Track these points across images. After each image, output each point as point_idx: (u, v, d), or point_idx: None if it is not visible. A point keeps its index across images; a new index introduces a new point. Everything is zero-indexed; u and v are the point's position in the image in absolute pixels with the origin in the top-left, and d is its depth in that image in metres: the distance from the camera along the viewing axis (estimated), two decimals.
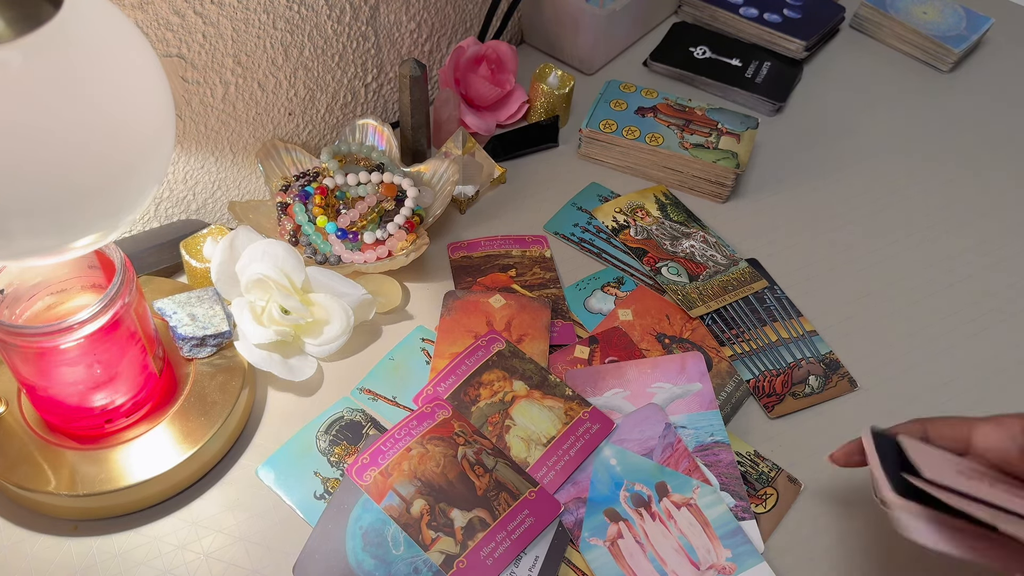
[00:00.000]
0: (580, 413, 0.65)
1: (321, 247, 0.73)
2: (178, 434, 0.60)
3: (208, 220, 0.77)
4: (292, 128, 0.79)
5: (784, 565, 0.59)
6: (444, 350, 0.69)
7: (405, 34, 0.84)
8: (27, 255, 0.46)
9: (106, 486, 0.57)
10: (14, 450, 0.58)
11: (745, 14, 1.02)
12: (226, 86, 0.70)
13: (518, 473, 0.61)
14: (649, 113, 0.87)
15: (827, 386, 0.70)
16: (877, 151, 0.92)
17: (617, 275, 0.77)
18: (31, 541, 0.58)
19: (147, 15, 0.62)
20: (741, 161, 0.82)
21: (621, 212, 0.82)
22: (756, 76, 0.96)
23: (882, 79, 1.01)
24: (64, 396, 0.57)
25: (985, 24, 1.03)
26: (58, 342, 0.52)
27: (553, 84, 0.88)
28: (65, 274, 0.57)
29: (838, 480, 0.64)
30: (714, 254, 0.79)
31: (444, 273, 0.77)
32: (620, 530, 0.59)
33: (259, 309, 0.66)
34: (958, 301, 0.77)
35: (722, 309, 0.75)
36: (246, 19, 0.68)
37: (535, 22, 0.98)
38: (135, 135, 0.45)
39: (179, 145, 0.70)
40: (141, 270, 0.71)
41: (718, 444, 0.64)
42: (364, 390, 0.68)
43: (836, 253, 0.81)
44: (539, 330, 0.71)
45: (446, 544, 0.58)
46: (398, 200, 0.76)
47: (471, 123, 0.86)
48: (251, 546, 0.59)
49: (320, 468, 0.63)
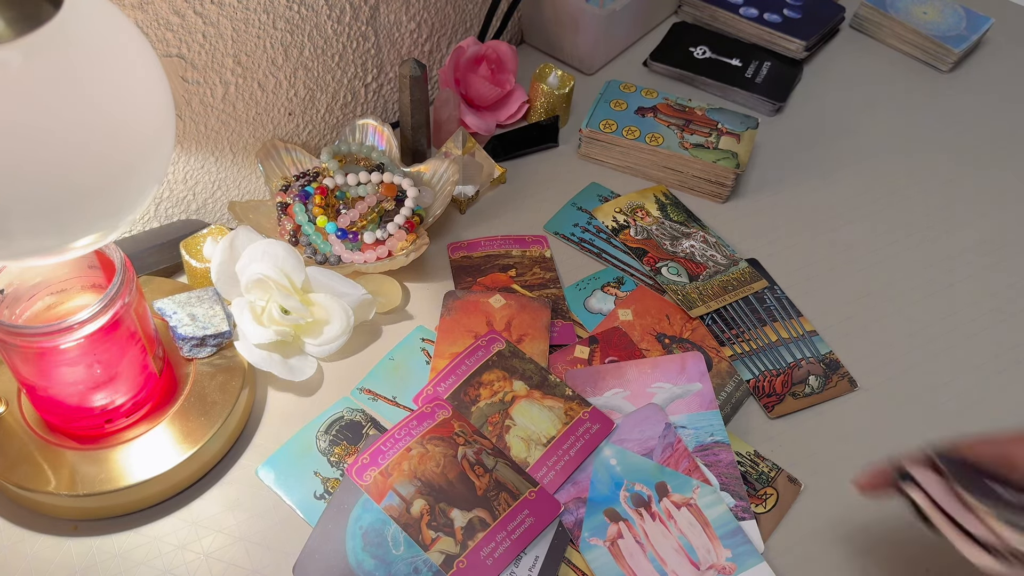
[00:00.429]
0: (580, 413, 0.65)
1: (321, 247, 0.73)
2: (178, 434, 0.60)
3: (208, 220, 0.77)
4: (292, 128, 0.79)
5: (784, 565, 0.59)
6: (444, 350, 0.69)
7: (405, 34, 0.84)
8: (27, 255, 0.46)
9: (106, 486, 0.57)
10: (14, 450, 0.58)
11: (745, 14, 1.02)
12: (226, 86, 0.70)
13: (518, 473, 0.61)
14: (649, 113, 0.87)
15: (827, 386, 0.70)
16: (877, 151, 0.91)
17: (617, 275, 0.77)
18: (31, 541, 0.58)
19: (147, 15, 0.62)
20: (741, 161, 0.82)
21: (621, 212, 0.82)
22: (756, 76, 0.96)
23: (882, 79, 1.01)
24: (64, 396, 0.57)
25: (985, 24, 1.03)
26: (58, 342, 0.52)
27: (553, 84, 0.88)
28: (65, 274, 0.57)
29: (838, 480, 0.64)
30: (714, 254, 0.79)
31: (444, 273, 0.77)
32: (620, 530, 0.59)
33: (259, 309, 0.66)
34: (958, 301, 0.77)
35: (722, 309, 0.75)
36: (246, 19, 0.68)
37: (535, 22, 0.98)
38: (135, 135, 0.45)
39: (179, 145, 0.70)
40: (141, 270, 0.71)
41: (718, 444, 0.64)
42: (364, 390, 0.68)
43: (836, 253, 0.81)
44: (539, 330, 0.71)
45: (446, 544, 0.58)
46: (398, 200, 0.76)
47: (471, 123, 0.86)
48: (251, 546, 0.59)
49: (320, 468, 0.63)
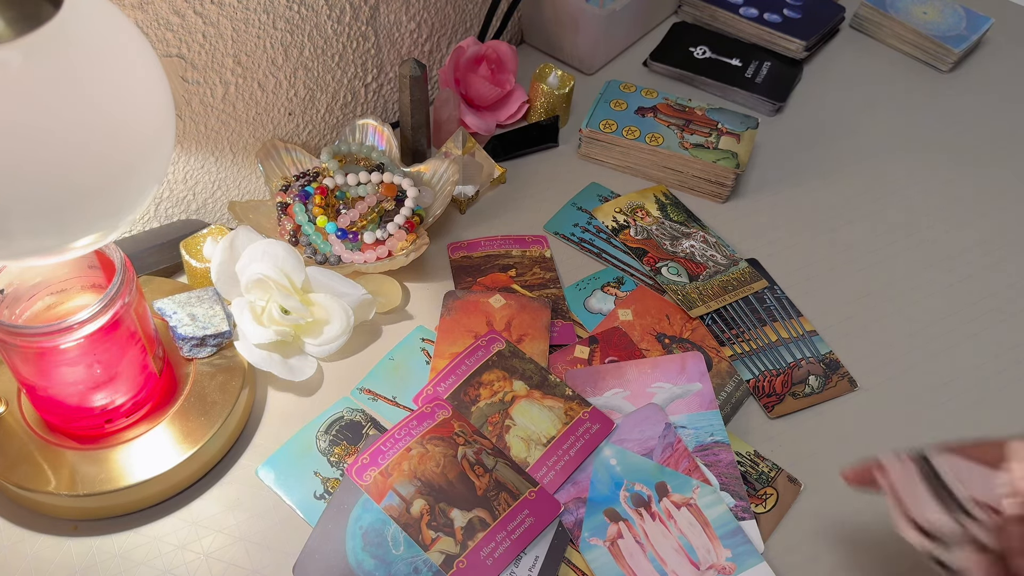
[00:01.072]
0: (580, 413, 0.65)
1: (321, 247, 0.73)
2: (178, 434, 0.60)
3: (208, 220, 0.77)
4: (292, 128, 0.79)
5: (784, 565, 0.59)
6: (444, 350, 0.69)
7: (405, 34, 0.84)
8: (27, 255, 0.46)
9: (106, 486, 0.57)
10: (14, 450, 0.58)
11: (745, 14, 1.02)
12: (226, 86, 0.70)
13: (518, 473, 0.61)
14: (649, 113, 0.87)
15: (827, 386, 0.70)
16: (877, 151, 0.91)
17: (617, 275, 0.77)
18: (31, 541, 0.58)
19: (147, 15, 0.62)
20: (741, 161, 0.82)
21: (621, 212, 0.82)
22: (756, 76, 0.96)
23: (882, 79, 1.01)
24: (64, 396, 0.57)
25: (985, 24, 1.03)
26: (58, 342, 0.52)
27: (553, 84, 0.88)
28: (65, 274, 0.57)
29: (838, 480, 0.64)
30: (714, 254, 0.79)
31: (444, 273, 0.77)
32: (620, 530, 0.59)
33: (259, 309, 0.66)
34: (958, 301, 0.77)
35: (722, 309, 0.75)
36: (246, 19, 0.68)
37: (535, 22, 0.98)
38: (135, 135, 0.45)
39: (179, 145, 0.70)
40: (141, 270, 0.71)
41: (718, 444, 0.64)
42: (364, 390, 0.68)
43: (836, 253, 0.81)
44: (539, 330, 0.71)
45: (446, 544, 0.58)
46: (398, 200, 0.76)
47: (471, 123, 0.86)
48: (251, 546, 0.59)
49: (320, 468, 0.63)
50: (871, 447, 0.66)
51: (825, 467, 0.65)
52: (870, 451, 0.66)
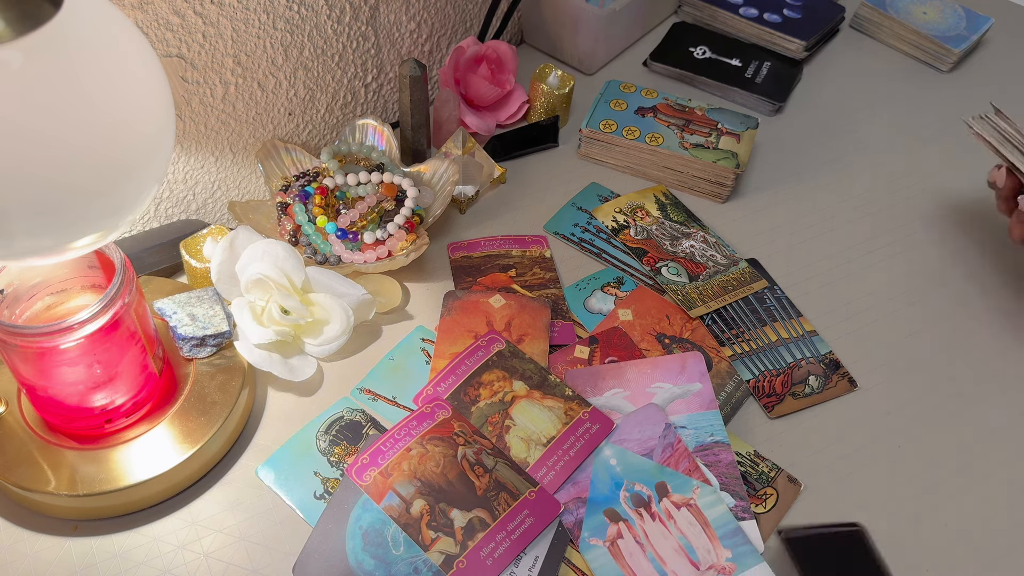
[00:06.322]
0: (580, 413, 0.65)
1: (321, 247, 0.73)
2: (178, 434, 0.60)
3: (208, 220, 0.77)
4: (292, 128, 0.79)
5: (784, 565, 0.59)
6: (444, 350, 0.69)
7: (405, 34, 0.84)
8: (27, 255, 0.46)
9: (106, 486, 0.57)
10: (14, 450, 0.58)
11: (745, 14, 1.02)
12: (226, 86, 0.70)
13: (518, 473, 0.61)
14: (649, 113, 0.87)
15: (827, 386, 0.70)
16: (877, 151, 0.92)
17: (617, 275, 0.77)
18: (31, 541, 0.58)
19: (147, 15, 0.62)
20: (741, 161, 0.82)
21: (621, 212, 0.82)
22: (756, 76, 0.96)
23: (882, 79, 1.01)
24: (64, 396, 0.57)
25: (985, 24, 1.03)
26: (58, 342, 0.52)
27: (553, 84, 0.88)
28: (65, 274, 0.57)
29: (838, 480, 0.64)
30: (714, 254, 0.79)
31: (444, 273, 0.77)
32: (620, 530, 0.59)
33: (259, 309, 0.66)
34: (958, 301, 0.77)
35: (722, 309, 0.75)
36: (246, 19, 0.68)
37: (535, 22, 0.98)
38: (135, 135, 0.45)
39: (179, 145, 0.70)
40: (141, 270, 0.71)
41: (718, 444, 0.64)
42: (364, 390, 0.68)
43: (836, 253, 0.81)
44: (539, 330, 0.71)
45: (446, 544, 0.58)
46: (398, 200, 0.76)
47: (471, 123, 0.86)
48: (251, 546, 0.59)
49: (320, 468, 0.63)
50: (871, 447, 0.67)
51: (825, 467, 0.65)
52: (870, 451, 0.66)
